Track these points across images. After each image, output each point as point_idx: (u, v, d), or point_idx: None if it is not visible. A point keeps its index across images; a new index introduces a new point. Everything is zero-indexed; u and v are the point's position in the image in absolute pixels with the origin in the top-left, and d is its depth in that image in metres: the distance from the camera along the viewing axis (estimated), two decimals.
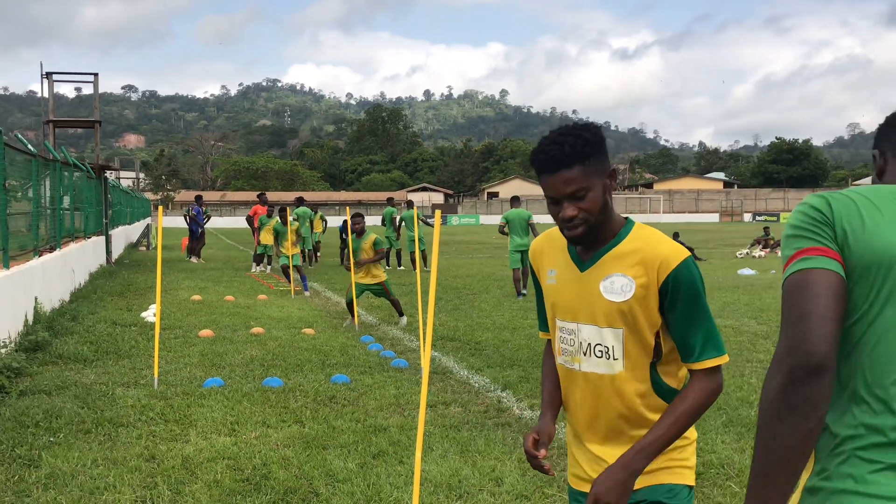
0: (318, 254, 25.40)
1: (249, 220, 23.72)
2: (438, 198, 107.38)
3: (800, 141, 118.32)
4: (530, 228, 16.17)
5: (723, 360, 2.45)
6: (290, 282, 17.32)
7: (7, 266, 10.56)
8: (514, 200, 18.26)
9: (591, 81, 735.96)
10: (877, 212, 1.80)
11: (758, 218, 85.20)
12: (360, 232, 12.41)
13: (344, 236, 20.87)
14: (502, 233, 16.73)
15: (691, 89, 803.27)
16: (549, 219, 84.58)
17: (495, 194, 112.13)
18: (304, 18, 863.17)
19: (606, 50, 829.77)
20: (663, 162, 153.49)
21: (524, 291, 15.95)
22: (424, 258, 20.71)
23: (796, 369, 1.70)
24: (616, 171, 2.52)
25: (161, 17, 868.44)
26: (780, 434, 1.71)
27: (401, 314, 12.67)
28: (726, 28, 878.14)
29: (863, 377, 1.78)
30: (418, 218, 20.72)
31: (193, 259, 26.38)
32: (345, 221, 24.72)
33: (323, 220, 25.67)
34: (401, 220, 23.29)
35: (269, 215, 22.13)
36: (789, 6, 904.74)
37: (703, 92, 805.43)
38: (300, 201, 24.07)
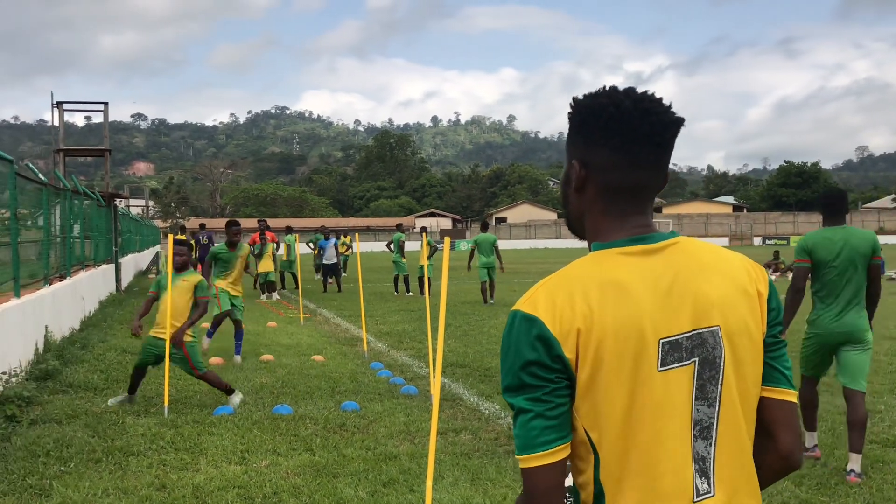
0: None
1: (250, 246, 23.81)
2: (447, 223, 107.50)
3: (808, 164, 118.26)
4: (495, 250, 19.96)
5: (525, 460, 1.71)
6: (265, 297, 17.32)
7: (18, 295, 10.60)
8: (484, 226, 21.21)
9: None
10: None
11: (767, 242, 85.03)
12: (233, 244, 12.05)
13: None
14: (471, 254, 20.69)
15: (704, 113, 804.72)
16: (515, 244, 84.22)
17: (503, 219, 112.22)
18: (318, 46, 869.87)
19: (621, 74, 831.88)
20: (671, 186, 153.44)
21: (491, 301, 19.98)
22: (420, 285, 21.66)
23: None
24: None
25: (177, 47, 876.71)
26: None
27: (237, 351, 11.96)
28: (740, 51, 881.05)
29: None
30: (428, 244, 20.83)
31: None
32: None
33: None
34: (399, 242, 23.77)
35: (263, 242, 21.93)
36: (802, 29, 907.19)
37: (716, 115, 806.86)
38: (289, 230, 25.10)
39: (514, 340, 1.71)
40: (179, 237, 9.89)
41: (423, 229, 22.28)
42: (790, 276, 6.65)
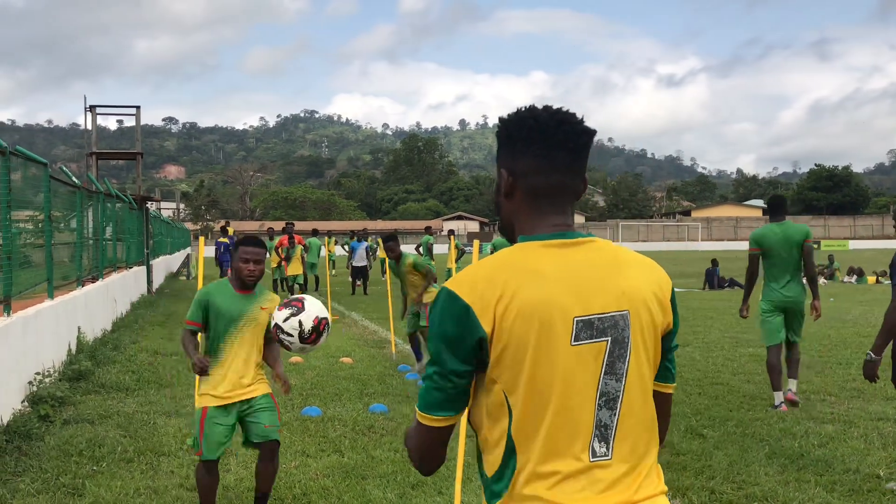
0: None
1: (277, 249, 23.89)
2: (474, 226, 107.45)
3: (839, 167, 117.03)
4: None
5: (421, 416, 2.08)
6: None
7: (52, 296, 10.74)
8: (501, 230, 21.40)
9: (636, 109, 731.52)
10: None
11: None
12: (397, 258, 10.74)
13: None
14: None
15: (736, 115, 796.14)
16: None
17: None
18: (350, 50, 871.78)
19: (653, 77, 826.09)
20: (701, 189, 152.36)
21: None
22: None
23: None
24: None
25: (211, 52, 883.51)
26: None
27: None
28: (774, 54, 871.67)
29: None
30: (456, 247, 20.84)
31: None
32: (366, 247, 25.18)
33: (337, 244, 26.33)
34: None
35: (292, 246, 22.04)
36: (838, 30, 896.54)
37: (748, 118, 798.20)
38: (314, 232, 25.42)
39: (437, 313, 1.99)
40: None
41: (451, 232, 22.27)
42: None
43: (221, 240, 27.97)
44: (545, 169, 2.04)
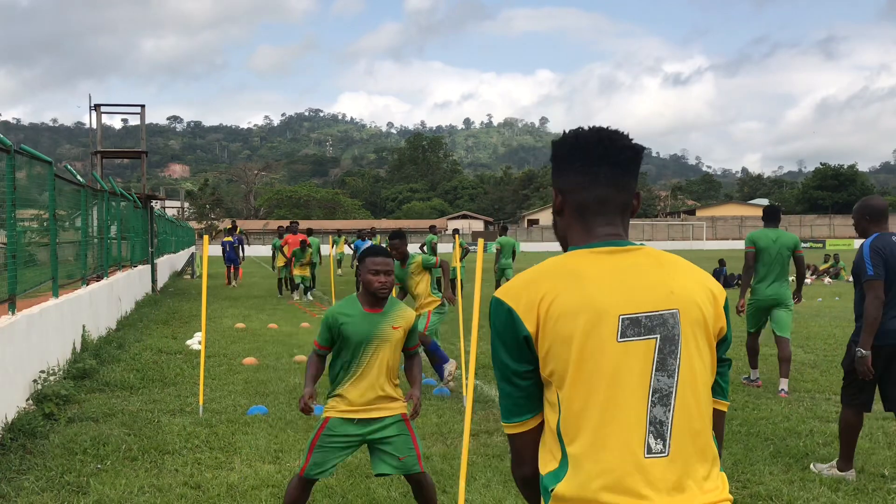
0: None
1: (281, 248, 23.90)
2: (479, 225, 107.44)
3: (845, 166, 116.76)
4: (513, 254, 21.16)
5: (505, 427, 2.20)
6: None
7: (56, 294, 10.75)
8: (503, 230, 22.65)
9: (642, 108, 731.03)
10: None
11: (803, 245, 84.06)
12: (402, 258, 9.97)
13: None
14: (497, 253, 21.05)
15: (743, 114, 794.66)
16: (548, 246, 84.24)
17: (536, 221, 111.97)
18: (356, 49, 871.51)
19: (659, 75, 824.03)
20: (706, 188, 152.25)
21: None
22: (453, 287, 21.62)
23: None
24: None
25: (218, 51, 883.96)
26: None
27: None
28: (781, 52, 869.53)
29: None
30: (460, 246, 20.84)
31: (235, 283, 27.64)
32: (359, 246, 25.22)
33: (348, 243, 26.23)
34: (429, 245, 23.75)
35: (303, 249, 22.06)
36: (846, 29, 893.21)
37: (755, 117, 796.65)
38: (310, 232, 24.95)
39: (491, 322, 2.11)
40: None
41: (456, 231, 22.30)
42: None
43: (226, 239, 28.04)
44: (588, 185, 2.14)
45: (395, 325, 4.88)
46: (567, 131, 2.19)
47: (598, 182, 2.13)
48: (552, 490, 2.02)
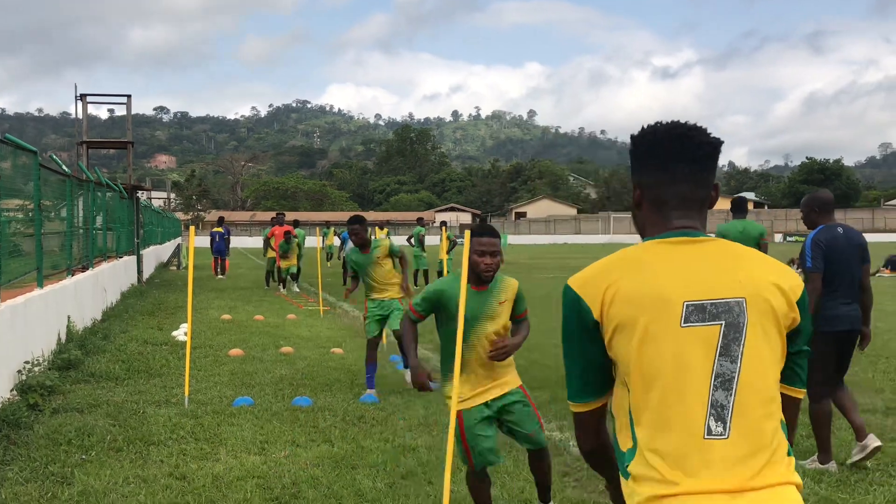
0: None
1: (268, 240, 23.91)
2: (466, 218, 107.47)
3: (831, 161, 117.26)
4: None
5: (570, 405, 2.33)
6: (278, 289, 17.41)
7: (41, 285, 10.70)
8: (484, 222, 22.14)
9: (631, 101, 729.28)
10: None
11: (789, 238, 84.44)
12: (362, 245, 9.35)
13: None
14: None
15: (732, 108, 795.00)
16: (535, 239, 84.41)
17: (523, 214, 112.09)
18: (345, 40, 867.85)
19: (648, 69, 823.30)
20: None
21: None
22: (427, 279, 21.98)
23: None
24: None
25: (206, 41, 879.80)
26: None
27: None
28: (770, 46, 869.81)
29: None
30: (448, 238, 20.85)
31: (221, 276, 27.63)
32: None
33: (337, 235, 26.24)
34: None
35: (288, 240, 22.11)
36: (833, 23, 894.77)
37: (743, 110, 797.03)
38: (296, 223, 24.89)
39: (562, 307, 2.22)
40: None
41: (444, 223, 22.30)
42: None
43: (216, 229, 28.13)
44: (665, 181, 2.19)
45: (502, 301, 4.89)
46: (645, 126, 2.24)
47: (675, 179, 2.18)
48: (627, 467, 2.12)
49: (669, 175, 2.18)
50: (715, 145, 2.19)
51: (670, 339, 2.06)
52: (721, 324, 2.06)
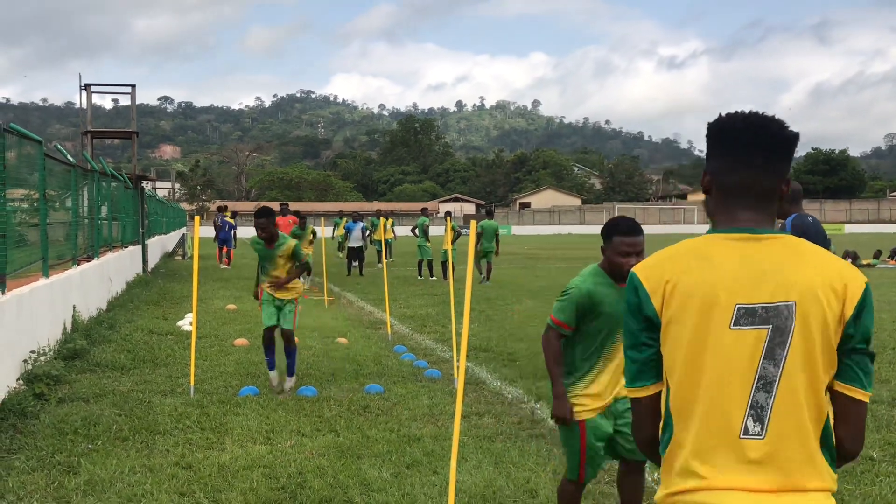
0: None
1: None
2: (470, 208, 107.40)
3: (836, 151, 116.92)
4: (496, 236, 21.44)
5: (628, 391, 2.39)
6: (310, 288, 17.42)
7: (47, 275, 10.71)
8: (489, 214, 23.46)
9: (636, 91, 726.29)
10: None
11: None
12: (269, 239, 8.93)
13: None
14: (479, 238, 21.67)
15: (737, 98, 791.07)
16: (539, 229, 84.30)
17: (527, 204, 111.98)
18: (350, 30, 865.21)
19: (654, 59, 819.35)
20: (698, 173, 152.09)
21: (486, 281, 21.36)
22: (444, 270, 21.81)
23: None
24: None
25: (210, 31, 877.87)
26: None
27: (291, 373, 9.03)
28: (776, 36, 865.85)
29: None
30: (452, 229, 20.84)
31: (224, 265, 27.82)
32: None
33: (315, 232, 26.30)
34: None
35: (303, 226, 22.12)
36: (840, 13, 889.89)
37: (749, 101, 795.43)
38: (299, 214, 24.82)
39: (626, 292, 2.29)
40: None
41: (448, 214, 22.23)
42: None
43: (227, 218, 28.41)
44: (734, 168, 2.19)
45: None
46: (722, 114, 2.24)
47: (743, 167, 2.18)
48: (663, 456, 2.21)
49: (737, 163, 2.19)
50: (789, 139, 2.18)
51: (718, 340, 2.11)
52: (769, 328, 2.09)
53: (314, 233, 22.50)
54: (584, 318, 4.36)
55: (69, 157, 13.62)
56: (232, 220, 28.59)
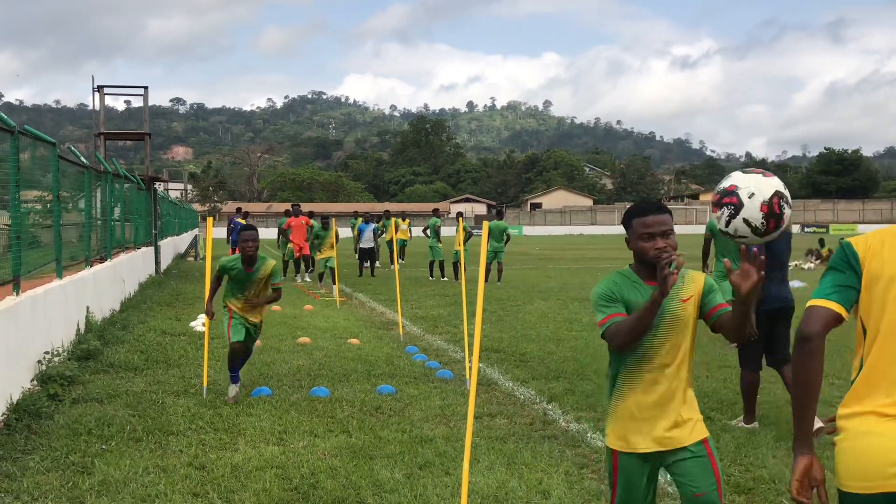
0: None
1: (284, 231, 23.99)
2: (481, 209, 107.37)
3: (849, 151, 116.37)
4: (504, 235, 21.49)
5: (810, 301, 2.79)
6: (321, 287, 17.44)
7: (60, 276, 10.76)
8: (499, 214, 23.38)
9: (649, 91, 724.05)
10: None
11: (807, 230, 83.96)
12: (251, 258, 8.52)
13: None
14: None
15: (751, 98, 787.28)
16: (551, 230, 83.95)
17: (539, 205, 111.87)
18: (363, 30, 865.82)
19: (667, 58, 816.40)
20: (709, 173, 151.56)
21: (498, 283, 21.28)
22: (455, 270, 21.92)
23: None
24: None
25: (224, 33, 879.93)
26: None
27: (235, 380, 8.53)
28: (790, 35, 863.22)
29: None
30: (464, 230, 20.84)
31: None
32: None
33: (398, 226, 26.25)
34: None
35: (326, 227, 21.63)
36: (854, 11, 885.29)
37: (762, 100, 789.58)
38: (311, 214, 24.63)
39: (835, 254, 2.78)
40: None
41: (460, 214, 22.27)
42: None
43: (240, 220, 28.42)
44: None
45: (685, 297, 3.55)
46: None
47: None
48: (852, 384, 2.72)
49: None
50: None
51: None
52: None
53: (337, 235, 21.09)
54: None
55: (82, 158, 13.68)
56: (243, 221, 28.71)
